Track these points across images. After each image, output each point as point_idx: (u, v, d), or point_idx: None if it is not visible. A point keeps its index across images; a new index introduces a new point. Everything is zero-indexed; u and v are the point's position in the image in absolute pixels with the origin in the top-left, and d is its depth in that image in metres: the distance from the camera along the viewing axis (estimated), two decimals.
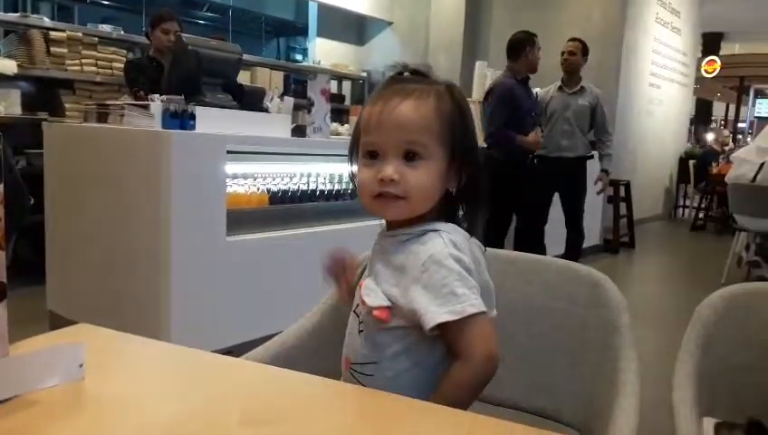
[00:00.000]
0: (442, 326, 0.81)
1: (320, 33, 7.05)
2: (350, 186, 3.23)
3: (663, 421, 0.93)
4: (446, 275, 0.83)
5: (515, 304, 1.11)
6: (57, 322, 2.82)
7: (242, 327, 2.50)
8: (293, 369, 0.80)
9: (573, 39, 4.18)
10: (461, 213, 0.93)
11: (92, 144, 2.73)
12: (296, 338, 1.07)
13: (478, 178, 0.92)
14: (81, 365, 0.70)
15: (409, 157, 0.86)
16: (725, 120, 16.96)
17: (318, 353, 1.07)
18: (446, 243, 0.86)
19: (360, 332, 0.90)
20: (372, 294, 0.87)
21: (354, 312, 0.93)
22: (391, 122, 0.85)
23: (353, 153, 0.93)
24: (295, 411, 0.68)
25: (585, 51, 4.22)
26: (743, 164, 4.47)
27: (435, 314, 0.81)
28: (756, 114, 15.58)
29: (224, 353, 0.88)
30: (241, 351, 1.02)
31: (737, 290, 1.12)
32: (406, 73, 0.93)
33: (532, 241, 3.89)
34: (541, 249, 3.88)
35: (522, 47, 3.87)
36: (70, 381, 0.69)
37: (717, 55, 13.05)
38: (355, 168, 0.91)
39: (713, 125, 15.91)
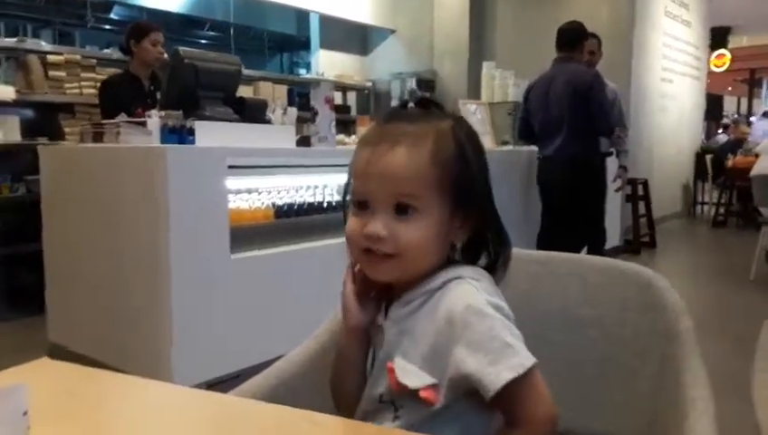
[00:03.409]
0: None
1: (322, 45, 6.96)
2: None
3: None
4: (491, 325, 0.69)
5: (553, 311, 0.96)
6: (58, 352, 2.70)
7: (251, 350, 2.35)
8: (298, 400, 0.66)
9: (589, 36, 4.03)
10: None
11: (88, 165, 2.62)
12: (300, 364, 0.92)
13: (490, 224, 0.78)
14: (24, 413, 0.56)
15: (401, 210, 0.73)
16: (738, 113, 16.69)
17: (327, 380, 0.93)
18: (479, 289, 0.72)
19: (396, 423, 0.74)
20: (411, 374, 0.72)
21: (381, 402, 0.76)
22: (379, 172, 0.73)
23: (346, 199, 0.80)
24: None
25: (600, 45, 4.10)
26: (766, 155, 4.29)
27: (494, 374, 0.67)
28: None
29: (233, 378, 0.75)
30: (252, 374, 0.88)
31: None
32: (411, 104, 0.80)
33: (599, 242, 3.75)
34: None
35: (581, 38, 3.75)
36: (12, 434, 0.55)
37: (726, 49, 12.85)
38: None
39: (724, 120, 15.66)
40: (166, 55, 3.37)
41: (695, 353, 0.82)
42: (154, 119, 2.50)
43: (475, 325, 0.69)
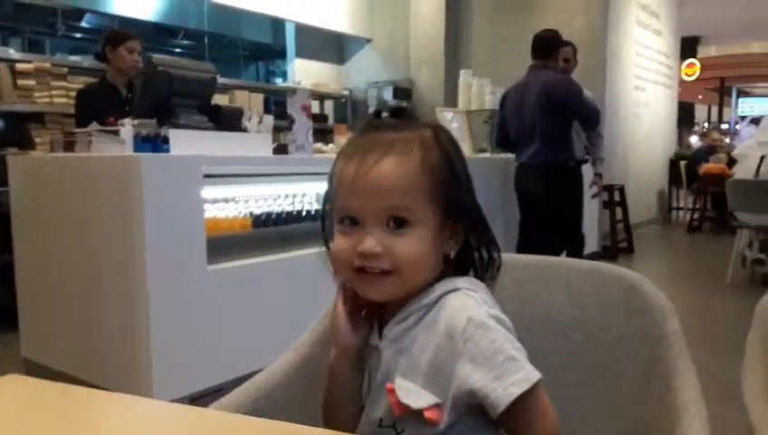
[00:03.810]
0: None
1: (299, 54, 6.92)
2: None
3: None
4: (494, 338, 0.66)
5: (537, 315, 0.94)
6: (33, 369, 2.62)
7: (232, 362, 2.30)
8: (279, 412, 0.63)
9: (565, 43, 4.06)
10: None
11: (59, 175, 2.56)
12: (281, 376, 0.89)
13: (479, 231, 0.76)
14: None
15: (395, 224, 0.70)
16: (709, 121, 17.02)
17: (308, 392, 0.90)
18: (478, 301, 0.70)
19: None
20: (413, 394, 0.68)
21: (381, 426, 0.72)
22: (370, 186, 0.69)
23: (326, 216, 0.76)
24: None
25: (575, 53, 4.13)
26: (744, 160, 4.37)
27: (501, 389, 0.64)
28: (740, 114, 15.63)
29: (215, 392, 0.71)
30: (234, 387, 0.85)
31: None
32: (384, 114, 0.77)
33: (578, 248, 3.75)
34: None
35: (556, 45, 3.78)
36: None
37: (696, 58, 13.11)
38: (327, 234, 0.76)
39: (696, 128, 15.95)
40: (142, 64, 3.31)
41: (683, 356, 0.81)
42: (127, 127, 2.45)
43: (477, 339, 0.66)
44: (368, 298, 0.73)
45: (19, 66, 3.92)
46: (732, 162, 6.75)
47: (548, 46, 3.78)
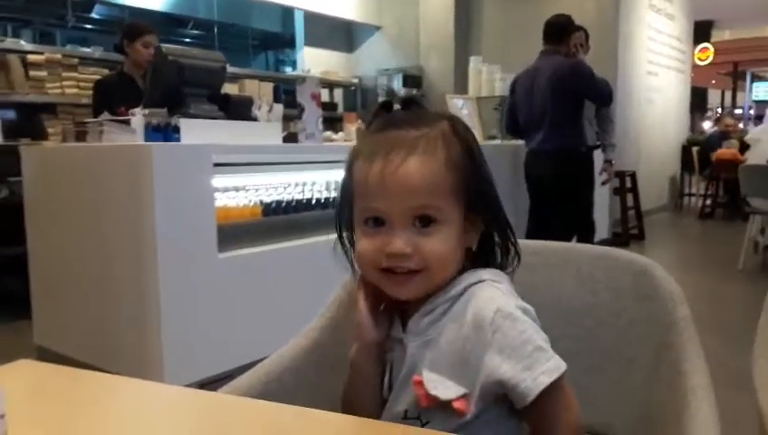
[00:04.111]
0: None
1: (308, 43, 6.91)
2: None
3: (743, 433, 0.76)
4: (523, 329, 0.67)
5: (547, 301, 0.94)
6: (45, 356, 2.65)
7: (242, 349, 2.31)
8: (289, 396, 0.64)
9: (577, 28, 4.02)
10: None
11: (71, 165, 2.58)
12: (291, 360, 0.90)
13: (499, 223, 0.76)
14: (1, 417, 0.54)
15: (421, 223, 0.70)
16: (722, 106, 16.82)
17: (317, 376, 0.90)
18: (505, 293, 0.70)
19: None
20: (441, 385, 0.68)
21: (405, 418, 0.72)
22: (397, 186, 0.69)
23: (342, 215, 0.76)
24: None
25: (588, 38, 4.09)
26: (758, 144, 4.31)
27: (530, 379, 0.65)
28: (754, 98, 15.43)
29: (226, 377, 0.72)
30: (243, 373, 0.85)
31: None
32: (396, 106, 0.76)
33: (588, 235, 3.74)
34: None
35: (568, 30, 3.75)
36: None
37: (709, 43, 12.94)
38: (344, 233, 0.76)
39: (709, 113, 15.77)
40: None
41: (693, 342, 0.80)
42: (138, 117, 2.46)
43: (506, 330, 0.67)
44: (395, 297, 0.73)
45: (30, 57, 3.95)
46: (744, 148, 6.67)
47: (560, 31, 3.74)
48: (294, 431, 0.56)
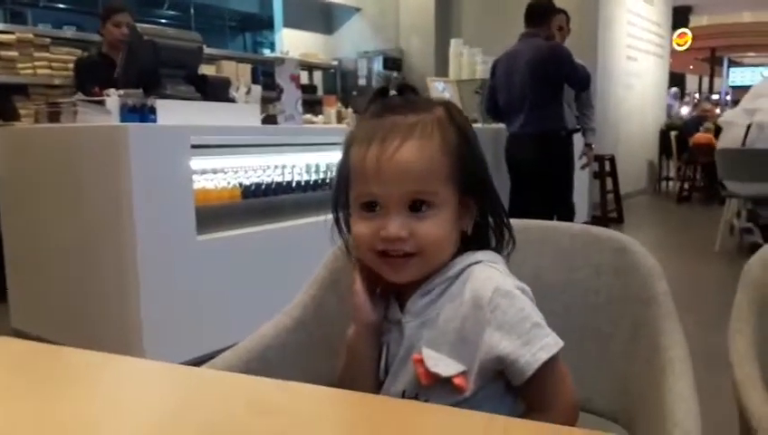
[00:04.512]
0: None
1: (286, 24, 6.81)
2: (328, 175, 3.05)
3: (719, 409, 0.77)
4: (521, 306, 0.68)
5: (526, 278, 0.94)
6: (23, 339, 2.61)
7: (221, 332, 2.29)
8: (271, 372, 0.63)
9: (558, 11, 4.02)
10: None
11: (44, 146, 2.52)
12: (273, 337, 0.89)
13: (492, 206, 0.77)
14: None
15: (416, 207, 0.70)
16: (699, 92, 16.99)
17: (299, 354, 0.90)
18: (502, 272, 0.72)
19: None
20: (441, 362, 0.70)
21: (403, 398, 0.73)
22: (394, 171, 0.69)
23: (338, 198, 0.76)
24: (272, 423, 0.50)
25: (568, 21, 4.09)
26: (731, 128, 4.36)
27: (529, 355, 0.66)
28: (731, 83, 15.61)
29: (204, 361, 0.72)
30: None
31: None
32: (392, 92, 0.77)
33: (568, 218, 3.75)
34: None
35: (550, 13, 3.75)
36: None
37: (687, 28, 13.03)
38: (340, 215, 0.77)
39: (686, 99, 15.93)
40: None
41: (671, 316, 0.81)
42: (113, 97, 2.41)
43: (504, 307, 0.68)
44: (391, 280, 0.74)
45: (1, 37, 3.84)
46: (719, 132, 6.76)
47: (542, 14, 3.74)
48: (280, 405, 0.55)
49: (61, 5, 7.44)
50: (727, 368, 0.83)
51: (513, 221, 0.99)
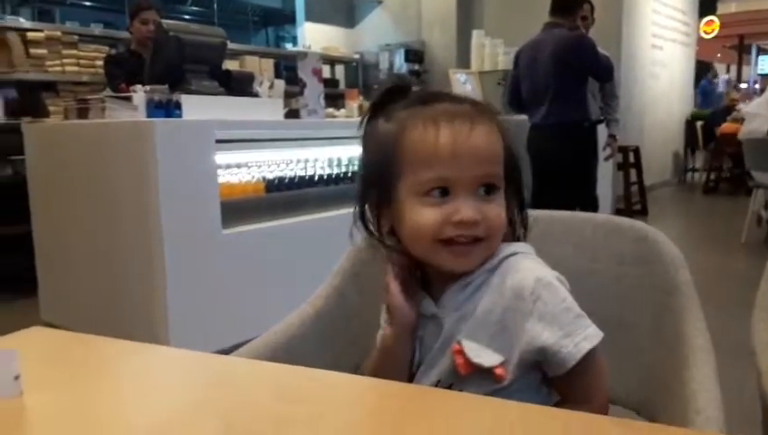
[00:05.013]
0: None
1: (308, 18, 6.84)
2: (350, 169, 3.07)
3: (742, 398, 0.77)
4: (563, 296, 0.68)
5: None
6: None
7: (246, 324, 2.33)
8: (296, 362, 0.65)
9: (585, 0, 3.97)
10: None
11: (74, 141, 2.58)
12: (299, 326, 0.91)
13: (521, 194, 0.78)
14: (16, 378, 0.55)
15: (486, 190, 0.71)
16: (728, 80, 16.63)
17: (323, 344, 0.92)
18: (541, 264, 0.71)
19: None
20: (483, 353, 0.69)
21: (438, 386, 0.72)
22: (470, 154, 0.69)
23: (369, 191, 0.74)
24: (300, 411, 0.52)
25: (593, 11, 4.04)
26: (754, 118, 4.28)
27: (572, 345, 0.66)
28: (760, 72, 15.26)
29: (229, 353, 0.73)
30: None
31: None
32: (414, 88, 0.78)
33: (591, 210, 3.71)
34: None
35: (577, 3, 3.70)
36: (4, 398, 0.54)
37: (715, 15, 12.77)
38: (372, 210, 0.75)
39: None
40: None
41: (694, 305, 0.81)
42: (139, 93, 2.46)
43: (546, 298, 0.67)
44: (451, 269, 0.72)
45: (30, 35, 3.92)
46: None
47: (569, 4, 3.69)
48: (309, 393, 0.57)
49: (88, 3, 7.56)
50: (751, 358, 0.83)
51: (535, 211, 1.00)
